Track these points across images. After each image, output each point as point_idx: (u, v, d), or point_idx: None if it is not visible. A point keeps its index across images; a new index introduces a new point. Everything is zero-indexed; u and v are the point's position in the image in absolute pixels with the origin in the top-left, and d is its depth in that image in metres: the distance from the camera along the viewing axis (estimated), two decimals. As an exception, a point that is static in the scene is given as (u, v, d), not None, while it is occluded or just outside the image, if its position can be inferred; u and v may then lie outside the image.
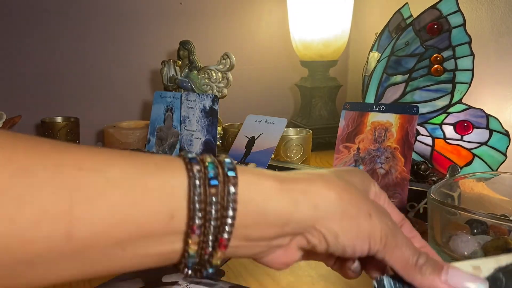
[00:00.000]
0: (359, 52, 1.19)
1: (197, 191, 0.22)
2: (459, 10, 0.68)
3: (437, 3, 0.69)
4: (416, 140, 0.72)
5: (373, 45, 0.80)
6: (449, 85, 0.69)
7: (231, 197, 0.23)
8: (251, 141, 0.78)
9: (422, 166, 0.69)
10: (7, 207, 0.18)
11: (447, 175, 0.60)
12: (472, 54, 0.68)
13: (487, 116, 0.68)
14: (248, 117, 0.82)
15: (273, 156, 0.81)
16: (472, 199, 0.60)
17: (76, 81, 1.09)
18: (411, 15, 0.78)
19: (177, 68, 0.96)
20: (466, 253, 0.49)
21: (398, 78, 0.73)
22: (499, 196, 0.61)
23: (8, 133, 0.20)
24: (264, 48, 1.21)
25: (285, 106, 1.25)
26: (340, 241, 0.25)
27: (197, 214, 0.22)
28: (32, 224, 0.19)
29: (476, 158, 0.69)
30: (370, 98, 0.76)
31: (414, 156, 0.72)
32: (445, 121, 0.70)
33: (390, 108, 0.68)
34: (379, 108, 0.68)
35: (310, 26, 1.04)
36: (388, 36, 0.78)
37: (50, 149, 0.21)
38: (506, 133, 0.67)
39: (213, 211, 0.22)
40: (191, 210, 0.22)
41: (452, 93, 0.70)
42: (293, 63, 1.18)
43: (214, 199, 0.22)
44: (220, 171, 0.23)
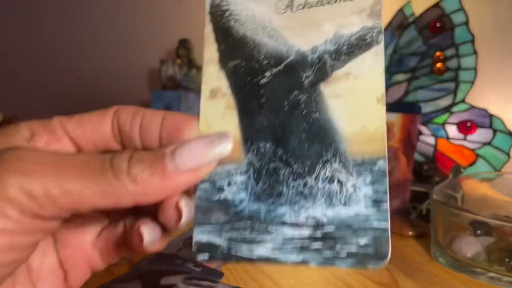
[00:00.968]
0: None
1: None
2: (462, 8, 0.67)
3: (440, 1, 0.68)
4: (418, 140, 0.71)
5: (374, 44, 0.80)
6: (452, 84, 0.69)
7: None
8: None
9: (425, 167, 0.68)
10: None
11: (450, 176, 0.59)
12: (476, 52, 0.67)
13: (491, 116, 0.67)
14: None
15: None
16: (476, 200, 0.59)
17: (73, 80, 1.08)
18: (413, 13, 0.77)
19: (176, 67, 0.95)
20: (469, 254, 0.48)
21: (400, 77, 0.72)
22: (503, 197, 0.60)
23: None
24: (264, 47, 1.20)
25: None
26: None
27: None
28: None
29: (479, 158, 0.68)
30: (372, 97, 0.75)
31: (417, 156, 0.71)
32: (448, 120, 0.69)
33: (392, 107, 0.67)
34: (381, 108, 0.68)
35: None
36: (390, 35, 0.77)
37: None
38: (510, 133, 0.67)
39: None
40: None
41: (455, 92, 0.69)
42: (293, 62, 1.18)
43: None
44: None
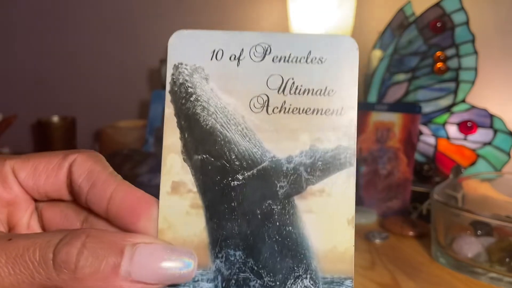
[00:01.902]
0: (361, 51, 1.17)
1: None
2: (462, 8, 0.67)
3: (440, 0, 0.68)
4: (419, 140, 0.70)
5: (375, 44, 0.79)
6: (453, 84, 0.68)
7: None
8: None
9: (425, 167, 0.68)
10: None
11: (451, 176, 0.59)
12: (476, 52, 0.67)
13: (491, 115, 0.67)
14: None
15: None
16: (476, 200, 0.59)
17: (72, 80, 1.08)
18: (413, 13, 0.77)
19: (176, 66, 0.95)
20: (469, 254, 0.48)
21: (401, 76, 0.72)
22: (504, 197, 0.60)
23: None
24: (264, 47, 1.20)
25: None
26: None
27: None
28: None
29: (480, 158, 0.68)
30: (372, 97, 0.74)
31: (417, 156, 0.70)
32: (449, 120, 0.69)
33: (393, 107, 0.67)
34: (381, 108, 0.67)
35: (311, 24, 1.03)
36: (390, 34, 0.77)
37: None
38: (510, 133, 0.66)
39: None
40: None
41: (455, 92, 0.68)
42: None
43: None
44: None
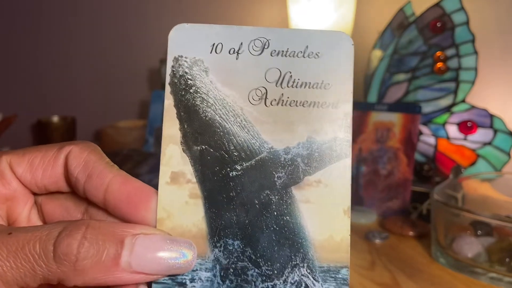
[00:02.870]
0: (361, 51, 1.18)
1: None
2: (462, 8, 0.67)
3: (440, 0, 0.68)
4: (419, 140, 0.70)
5: (375, 44, 0.79)
6: (453, 84, 0.68)
7: None
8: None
9: (425, 167, 0.68)
10: None
11: (451, 176, 0.59)
12: (476, 52, 0.67)
13: (491, 115, 0.67)
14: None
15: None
16: (476, 200, 0.59)
17: (72, 80, 1.07)
18: (413, 13, 0.77)
19: (176, 66, 0.95)
20: (469, 255, 0.48)
21: (401, 76, 0.72)
22: (504, 197, 0.60)
23: None
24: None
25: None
26: None
27: None
28: None
29: (480, 158, 0.68)
30: (372, 97, 0.74)
31: (417, 156, 0.70)
32: (449, 120, 0.69)
33: (393, 107, 0.67)
34: (381, 108, 0.67)
35: (311, 24, 1.03)
36: (390, 34, 0.77)
37: None
38: (510, 133, 0.66)
39: None
40: None
41: (455, 92, 0.68)
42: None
43: None
44: None
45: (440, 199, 0.51)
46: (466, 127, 0.68)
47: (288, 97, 0.22)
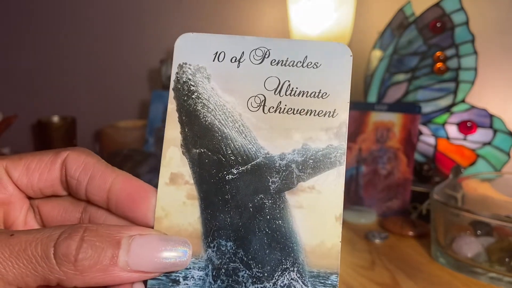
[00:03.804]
0: (361, 51, 1.18)
1: None
2: (462, 8, 0.67)
3: (440, 0, 0.68)
4: (418, 140, 0.70)
5: (375, 44, 0.79)
6: (453, 84, 0.68)
7: None
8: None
9: (425, 167, 0.68)
10: None
11: (451, 176, 0.59)
12: (476, 52, 0.67)
13: (491, 115, 0.67)
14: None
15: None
16: (476, 200, 0.59)
17: (72, 80, 1.07)
18: (413, 13, 0.77)
19: (176, 66, 0.95)
20: (469, 254, 0.48)
21: (401, 76, 0.72)
22: (503, 197, 0.60)
23: None
24: (264, 47, 1.20)
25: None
26: None
27: None
28: None
29: (479, 158, 0.68)
30: (372, 97, 0.74)
31: (417, 156, 0.71)
32: (448, 120, 0.69)
33: (393, 107, 0.67)
34: (381, 108, 0.67)
35: (311, 24, 1.03)
36: (390, 34, 0.77)
37: None
38: (510, 133, 0.66)
39: None
40: None
41: (455, 92, 0.69)
42: (293, 62, 1.17)
43: None
44: None
45: (440, 199, 0.51)
46: (466, 127, 0.68)
47: (285, 105, 0.22)
